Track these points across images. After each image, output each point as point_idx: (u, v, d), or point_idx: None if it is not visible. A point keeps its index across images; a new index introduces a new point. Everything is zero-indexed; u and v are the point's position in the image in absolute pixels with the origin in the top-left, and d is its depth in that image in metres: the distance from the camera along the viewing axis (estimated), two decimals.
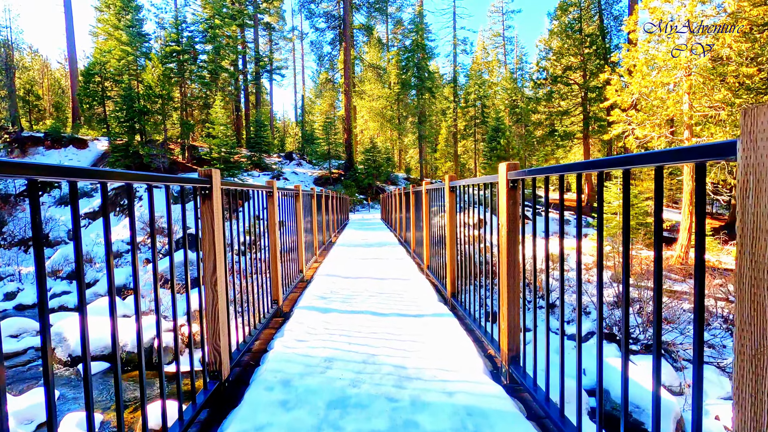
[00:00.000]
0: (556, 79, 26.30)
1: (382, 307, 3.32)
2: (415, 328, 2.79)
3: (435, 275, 4.25)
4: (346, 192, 24.73)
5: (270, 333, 2.91)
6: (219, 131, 23.11)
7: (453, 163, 37.10)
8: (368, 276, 4.66)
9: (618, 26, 25.80)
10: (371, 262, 5.44)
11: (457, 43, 43.44)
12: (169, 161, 26.04)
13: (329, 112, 33.16)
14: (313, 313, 3.18)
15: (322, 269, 5.17)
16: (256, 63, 30.70)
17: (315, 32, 30.66)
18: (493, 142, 22.54)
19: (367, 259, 5.72)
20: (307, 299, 3.59)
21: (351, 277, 4.64)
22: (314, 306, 3.38)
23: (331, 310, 3.27)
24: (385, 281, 4.35)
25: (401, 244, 7.42)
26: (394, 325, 2.87)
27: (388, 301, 3.49)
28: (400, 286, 4.09)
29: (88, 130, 31.33)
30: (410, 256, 5.99)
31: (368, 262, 5.45)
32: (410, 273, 4.81)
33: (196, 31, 26.94)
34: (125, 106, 24.78)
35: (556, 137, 27.24)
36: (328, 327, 2.85)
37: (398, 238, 8.57)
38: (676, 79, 14.99)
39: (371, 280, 4.43)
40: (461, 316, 3.11)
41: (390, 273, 4.81)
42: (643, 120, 16.84)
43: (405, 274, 4.72)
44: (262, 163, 28.32)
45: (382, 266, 5.23)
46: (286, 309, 3.50)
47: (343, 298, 3.66)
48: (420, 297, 3.64)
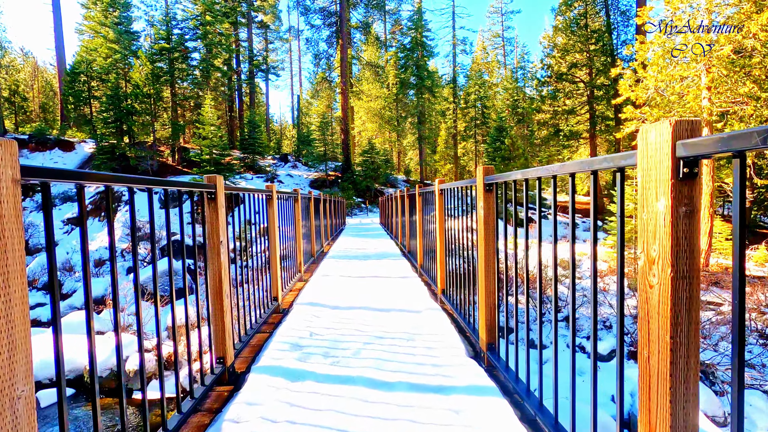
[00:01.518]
0: (561, 76, 25.28)
1: (384, 366, 2.19)
2: (440, 416, 1.66)
3: (454, 306, 3.11)
4: (343, 195, 23.60)
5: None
6: (209, 132, 21.98)
7: (453, 165, 36.04)
8: (365, 305, 3.53)
9: (625, 22, 24.86)
10: (369, 283, 4.31)
11: (457, 43, 42.56)
12: (158, 163, 24.90)
13: (326, 114, 32.10)
14: (278, 382, 2.04)
15: (306, 293, 4.03)
16: (250, 62, 29.63)
17: (310, 29, 29.63)
18: (496, 142, 21.47)
19: (364, 278, 4.60)
20: (273, 352, 2.44)
21: (341, 307, 3.51)
22: (281, 366, 2.23)
23: (305, 374, 2.13)
24: (388, 315, 3.22)
25: (404, 256, 6.30)
26: (405, 402, 1.74)
27: (393, 355, 2.36)
28: (409, 324, 2.96)
29: (76, 132, 30.18)
30: (417, 273, 4.87)
31: (365, 283, 4.32)
32: (420, 300, 3.67)
33: (186, 28, 25.87)
34: (112, 106, 23.68)
35: (561, 137, 26.20)
36: (298, 415, 1.72)
37: (400, 248, 7.45)
38: (697, 71, 13.95)
39: (369, 312, 3.30)
40: (511, 389, 1.97)
41: (394, 300, 3.67)
42: (658, 117, 15.79)
43: (414, 302, 3.59)
44: (255, 166, 27.20)
45: (383, 289, 4.10)
46: (241, 368, 2.36)
47: (326, 348, 2.52)
48: (437, 345, 2.52)
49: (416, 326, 2.91)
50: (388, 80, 30.27)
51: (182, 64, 25.85)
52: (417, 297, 3.78)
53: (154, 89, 24.23)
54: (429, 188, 4.25)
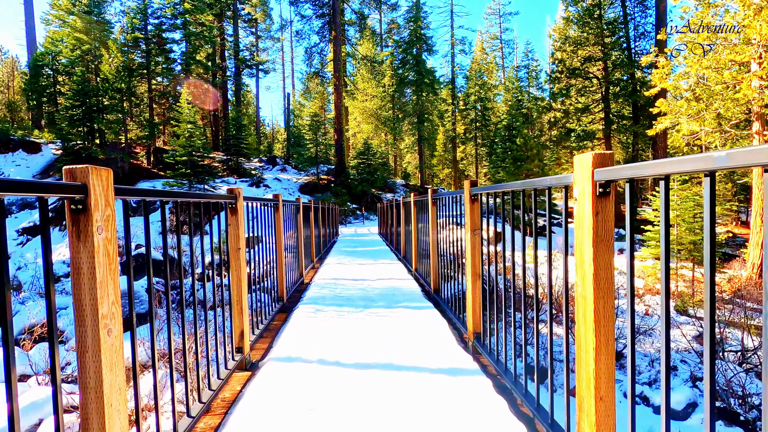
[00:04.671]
0: (574, 71, 23.22)
1: None
2: None
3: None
4: (337, 201, 21.21)
5: None
6: (186, 129, 19.51)
7: (451, 170, 33.85)
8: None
9: (643, 12, 22.91)
10: (377, 392, 1.97)
11: (455, 43, 40.71)
12: (129, 166, 22.35)
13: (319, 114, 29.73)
14: None
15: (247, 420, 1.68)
16: (236, 57, 27.27)
17: (301, 21, 27.37)
18: (506, 142, 19.24)
19: (368, 370, 2.25)
20: None
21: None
22: None
23: None
24: None
25: (430, 298, 3.96)
26: None
27: None
28: None
29: (44, 133, 27.57)
30: (459, 340, 2.55)
31: (371, 390, 1.99)
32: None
33: (164, 17, 23.48)
34: (78, 102, 21.18)
35: (572, 138, 24.08)
36: None
37: (416, 276, 5.11)
38: (754, 55, 11.83)
39: None
40: None
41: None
42: (699, 110, 13.64)
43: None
44: (240, 169, 24.73)
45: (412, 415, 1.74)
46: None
47: None
48: None
49: None
50: (385, 81, 28.10)
51: (159, 56, 23.44)
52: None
53: (125, 84, 21.76)
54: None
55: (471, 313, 2.55)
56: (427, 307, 3.47)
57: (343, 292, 4.23)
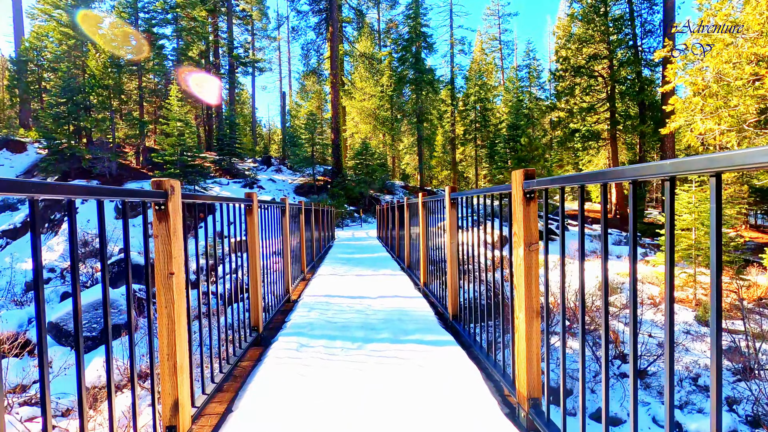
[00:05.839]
0: (579, 70, 22.48)
1: None
2: None
3: None
4: (333, 203, 20.34)
5: None
6: (175, 128, 18.61)
7: (450, 172, 33.04)
8: None
9: (650, 9, 22.22)
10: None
11: (455, 43, 40.09)
12: (117, 166, 21.41)
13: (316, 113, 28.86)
14: None
15: None
16: (230, 54, 26.38)
17: (297, 17, 26.51)
18: (510, 142, 18.44)
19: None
20: None
21: None
22: None
23: None
24: None
25: (446, 328, 3.13)
26: None
27: None
28: None
29: (31, 131, 26.57)
30: (502, 403, 1.73)
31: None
32: None
33: (154, 11, 22.59)
34: (64, 99, 20.29)
35: (576, 138, 23.31)
36: None
37: (425, 293, 4.28)
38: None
39: None
40: None
41: None
42: (717, 107, 12.92)
43: None
44: (233, 169, 23.81)
45: None
46: None
47: None
48: None
49: None
50: (383, 79, 27.28)
51: (150, 52, 22.52)
52: None
53: (114, 80, 20.85)
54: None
55: (524, 369, 1.70)
56: (446, 342, 2.62)
57: (336, 316, 3.37)
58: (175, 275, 1.56)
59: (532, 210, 1.71)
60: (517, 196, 1.72)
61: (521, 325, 1.74)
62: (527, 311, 1.70)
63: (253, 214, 2.86)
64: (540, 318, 1.73)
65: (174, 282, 1.56)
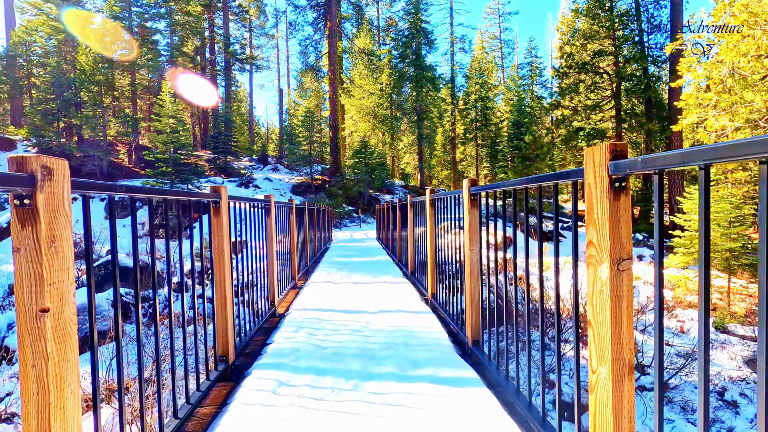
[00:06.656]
0: (584, 66, 21.89)
1: None
2: None
3: None
4: (331, 203, 19.72)
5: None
6: (168, 125, 17.98)
7: (450, 171, 32.43)
8: None
9: (656, 3, 21.63)
10: None
11: (455, 41, 39.54)
12: (109, 164, 20.75)
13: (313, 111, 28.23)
14: None
15: None
16: (226, 50, 25.73)
17: (294, 11, 25.85)
18: (514, 140, 17.83)
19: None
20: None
21: None
22: None
23: None
24: None
25: (463, 353, 2.52)
26: None
27: None
28: None
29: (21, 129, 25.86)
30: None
31: None
32: None
33: (147, 5, 21.94)
34: (53, 95, 19.65)
35: (580, 137, 22.71)
36: None
37: (431, 304, 3.67)
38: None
39: None
40: None
41: None
42: (733, 102, 12.32)
43: None
44: (228, 168, 23.16)
45: None
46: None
47: None
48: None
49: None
50: (383, 77, 26.65)
51: (143, 47, 21.89)
52: None
53: (105, 76, 20.21)
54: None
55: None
56: (469, 382, 2.00)
57: (328, 338, 2.76)
58: (50, 313, 0.95)
59: (623, 206, 1.10)
60: (599, 183, 1.11)
61: (603, 384, 1.13)
62: (614, 364, 1.09)
63: (221, 215, 2.25)
64: (632, 374, 1.12)
65: (49, 323, 0.95)
